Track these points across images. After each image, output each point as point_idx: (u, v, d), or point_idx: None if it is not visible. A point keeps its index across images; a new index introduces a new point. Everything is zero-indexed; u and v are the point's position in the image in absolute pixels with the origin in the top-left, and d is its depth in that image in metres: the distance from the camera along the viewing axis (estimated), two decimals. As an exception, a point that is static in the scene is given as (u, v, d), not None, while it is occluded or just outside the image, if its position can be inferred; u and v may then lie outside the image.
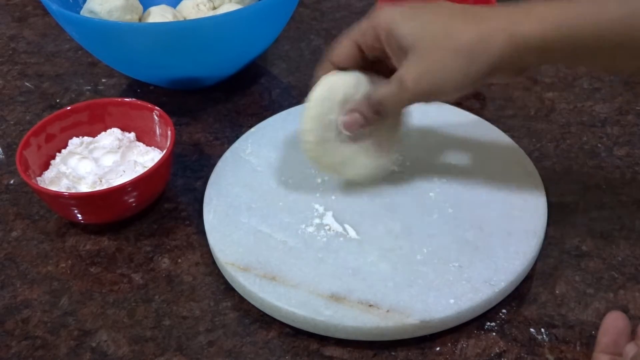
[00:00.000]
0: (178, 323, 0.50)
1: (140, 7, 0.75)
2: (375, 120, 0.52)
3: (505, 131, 0.63)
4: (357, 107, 0.52)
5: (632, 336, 0.42)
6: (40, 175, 0.59)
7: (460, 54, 0.46)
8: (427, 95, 0.49)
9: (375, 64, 0.53)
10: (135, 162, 0.60)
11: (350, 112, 0.52)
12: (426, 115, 0.63)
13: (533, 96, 0.71)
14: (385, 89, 0.50)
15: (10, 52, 0.85)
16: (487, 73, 0.47)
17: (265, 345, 0.48)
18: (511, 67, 0.47)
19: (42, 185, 0.57)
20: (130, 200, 0.56)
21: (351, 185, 0.57)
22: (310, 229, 0.54)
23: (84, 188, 0.58)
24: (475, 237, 0.52)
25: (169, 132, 0.59)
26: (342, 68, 0.53)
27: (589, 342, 0.47)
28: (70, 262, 0.56)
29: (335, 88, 0.52)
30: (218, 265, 0.53)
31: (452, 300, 0.47)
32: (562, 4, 0.45)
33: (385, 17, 0.49)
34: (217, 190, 0.58)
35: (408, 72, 0.48)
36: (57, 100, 0.76)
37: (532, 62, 0.48)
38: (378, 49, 0.51)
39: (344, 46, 0.52)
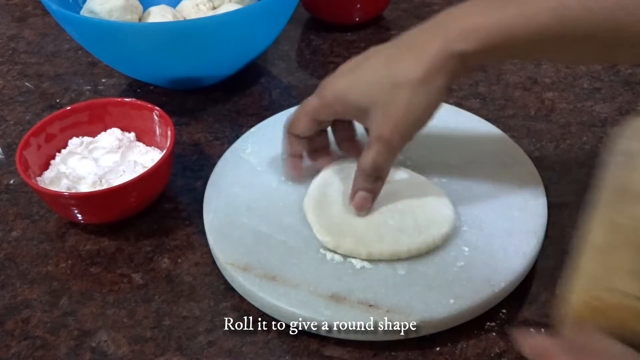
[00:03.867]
0: (178, 323, 0.50)
1: (140, 7, 0.75)
2: (380, 188, 0.52)
3: (505, 131, 0.63)
4: (358, 186, 0.52)
5: None
6: (40, 175, 0.59)
7: (417, 89, 0.48)
8: (410, 135, 0.50)
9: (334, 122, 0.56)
10: (135, 162, 0.60)
11: (355, 193, 0.52)
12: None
13: (533, 96, 0.71)
14: (372, 152, 0.50)
15: (10, 52, 0.85)
16: (449, 86, 0.48)
17: (265, 345, 0.48)
18: (467, 72, 0.51)
19: (42, 185, 0.57)
20: (130, 200, 0.56)
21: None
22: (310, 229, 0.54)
23: (84, 188, 0.58)
24: (476, 237, 0.52)
25: (169, 132, 0.59)
26: (304, 137, 0.55)
27: (589, 342, 0.47)
28: (70, 262, 0.56)
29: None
30: (218, 265, 0.53)
31: (452, 300, 0.47)
32: (489, 9, 0.47)
33: (333, 92, 0.51)
34: (217, 190, 0.58)
35: (382, 127, 0.49)
36: (57, 100, 0.76)
37: (483, 63, 0.50)
38: (336, 118, 0.54)
39: (302, 121, 0.54)
